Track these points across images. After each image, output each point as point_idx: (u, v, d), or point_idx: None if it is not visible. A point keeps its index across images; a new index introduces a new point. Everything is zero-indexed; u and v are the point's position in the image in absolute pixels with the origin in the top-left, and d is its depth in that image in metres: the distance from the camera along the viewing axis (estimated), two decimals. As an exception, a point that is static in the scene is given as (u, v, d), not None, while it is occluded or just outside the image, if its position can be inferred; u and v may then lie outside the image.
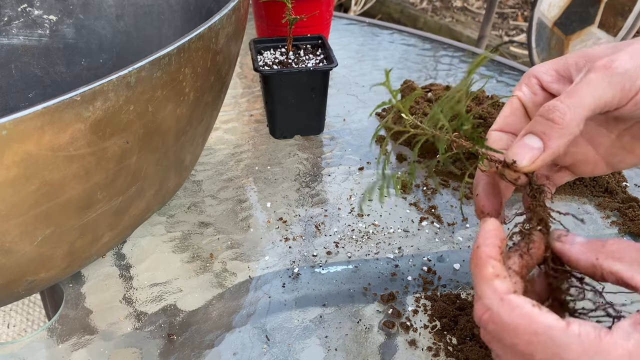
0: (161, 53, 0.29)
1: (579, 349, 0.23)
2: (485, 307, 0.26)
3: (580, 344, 0.23)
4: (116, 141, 0.29)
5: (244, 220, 0.52)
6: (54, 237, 0.31)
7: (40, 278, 0.33)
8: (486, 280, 0.27)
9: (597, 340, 0.23)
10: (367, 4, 2.26)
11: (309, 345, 0.41)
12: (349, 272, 0.47)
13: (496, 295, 0.26)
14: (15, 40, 0.58)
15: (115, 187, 0.32)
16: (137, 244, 0.49)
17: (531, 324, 0.24)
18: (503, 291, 0.26)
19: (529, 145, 0.30)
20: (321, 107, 0.62)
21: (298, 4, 0.68)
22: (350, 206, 0.54)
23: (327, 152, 0.62)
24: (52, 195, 0.28)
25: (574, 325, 0.24)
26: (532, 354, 0.24)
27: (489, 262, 0.27)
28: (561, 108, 0.29)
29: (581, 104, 0.29)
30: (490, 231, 0.28)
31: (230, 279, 0.46)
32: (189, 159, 0.41)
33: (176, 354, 0.40)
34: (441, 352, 0.40)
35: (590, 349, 0.23)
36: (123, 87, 0.28)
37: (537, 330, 0.24)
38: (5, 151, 0.25)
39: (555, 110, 0.29)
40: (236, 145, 0.63)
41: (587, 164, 0.35)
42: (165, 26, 0.56)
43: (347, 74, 0.78)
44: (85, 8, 0.58)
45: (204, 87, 0.36)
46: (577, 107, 0.29)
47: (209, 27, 0.33)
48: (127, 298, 0.44)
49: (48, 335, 0.41)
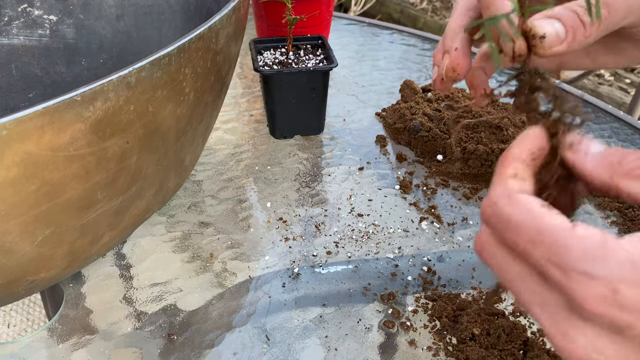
0: (161, 53, 0.29)
1: (579, 250, 0.21)
2: (492, 201, 0.24)
3: (581, 245, 0.21)
4: (116, 141, 0.29)
5: (244, 220, 0.52)
6: (54, 237, 0.31)
7: (41, 278, 0.33)
8: (502, 178, 0.24)
9: (601, 243, 0.21)
10: (367, 4, 2.26)
11: (309, 345, 0.41)
12: (349, 272, 0.47)
13: (506, 191, 0.24)
14: (16, 40, 0.58)
15: (116, 187, 0.32)
16: (137, 244, 0.49)
17: (535, 221, 0.22)
18: (514, 189, 0.24)
19: (572, 24, 0.28)
20: (321, 107, 0.62)
21: (298, 4, 0.68)
22: (350, 206, 0.54)
23: (327, 152, 0.62)
24: (52, 195, 0.28)
25: (580, 227, 0.22)
26: (531, 253, 0.23)
27: (513, 164, 0.25)
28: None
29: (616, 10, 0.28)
30: (531, 136, 0.25)
31: (230, 278, 0.46)
32: (189, 159, 0.41)
33: (176, 354, 0.40)
34: (441, 352, 0.40)
35: (591, 252, 0.21)
36: (123, 87, 0.28)
37: (540, 228, 0.22)
38: (6, 151, 0.25)
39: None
40: (236, 145, 0.63)
41: (576, 54, 0.34)
42: (165, 26, 0.56)
43: (347, 74, 0.78)
44: (86, 8, 0.58)
45: (204, 87, 0.36)
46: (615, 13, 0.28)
47: (209, 27, 0.33)
48: (127, 298, 0.44)
49: (48, 335, 0.41)
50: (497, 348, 0.39)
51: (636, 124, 0.66)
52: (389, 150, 0.62)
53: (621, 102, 1.87)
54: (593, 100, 0.70)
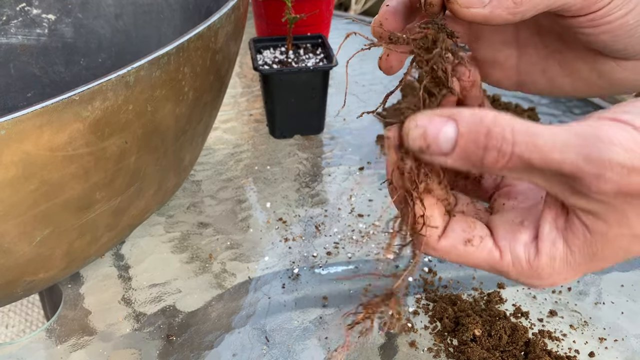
0: (160, 52, 0.29)
1: (515, 273, 0.26)
2: (429, 250, 0.28)
3: (515, 270, 0.26)
4: (115, 141, 0.29)
5: (243, 220, 0.52)
6: (52, 237, 0.30)
7: (39, 278, 0.33)
8: (415, 232, 0.27)
9: (528, 266, 0.25)
10: (368, 3, 2.26)
11: (309, 347, 0.41)
12: (349, 273, 0.47)
13: (429, 247, 0.27)
14: (14, 39, 0.57)
15: (114, 187, 0.32)
16: (136, 244, 0.49)
17: (470, 260, 0.27)
18: (432, 242, 0.27)
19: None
20: (321, 106, 0.62)
21: (298, 2, 0.67)
22: (350, 206, 0.54)
23: (327, 152, 0.62)
24: (51, 195, 0.28)
25: (505, 255, 0.26)
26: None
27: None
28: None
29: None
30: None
31: (229, 279, 0.46)
32: (188, 158, 0.41)
33: (175, 355, 0.40)
34: (442, 353, 0.40)
35: (524, 273, 0.26)
36: (122, 87, 0.28)
37: (478, 264, 0.26)
38: (4, 151, 0.25)
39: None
40: (235, 145, 0.63)
41: (502, 68, 0.33)
42: (164, 25, 0.55)
43: (347, 73, 0.78)
44: (84, 7, 0.58)
45: (203, 87, 0.36)
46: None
47: (208, 26, 0.33)
48: (126, 299, 0.44)
49: (47, 336, 0.41)
50: (499, 349, 0.39)
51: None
52: (389, 150, 0.62)
53: (622, 101, 1.88)
54: (594, 100, 0.70)
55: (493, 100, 0.64)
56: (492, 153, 0.22)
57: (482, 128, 0.22)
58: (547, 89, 0.33)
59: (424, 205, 0.26)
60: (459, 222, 0.28)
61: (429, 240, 0.27)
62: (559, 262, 0.25)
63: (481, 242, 0.26)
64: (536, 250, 0.25)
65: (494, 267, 0.26)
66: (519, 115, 0.60)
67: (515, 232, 0.26)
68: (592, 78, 0.32)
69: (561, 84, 0.33)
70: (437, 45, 0.26)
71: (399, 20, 0.30)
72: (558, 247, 0.25)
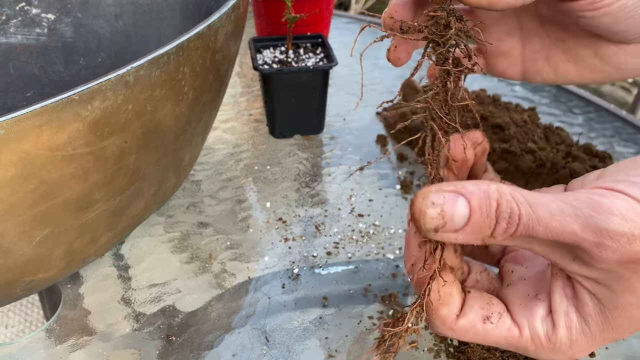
0: (160, 52, 0.29)
1: (535, 349, 0.26)
2: (446, 330, 0.28)
3: (535, 346, 0.26)
4: (114, 141, 0.29)
5: (243, 220, 0.52)
6: (52, 237, 0.30)
7: (39, 279, 0.33)
8: (434, 311, 0.27)
9: (547, 341, 0.25)
10: (368, 2, 2.25)
11: (309, 347, 0.40)
12: (349, 273, 0.47)
13: (446, 327, 0.27)
14: (13, 39, 0.57)
15: (114, 187, 0.32)
16: (135, 244, 0.49)
17: (488, 339, 0.27)
18: (450, 322, 0.27)
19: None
20: (321, 106, 0.62)
21: (298, 2, 0.67)
22: (350, 206, 0.54)
23: (327, 152, 0.62)
24: (50, 195, 0.28)
25: (524, 331, 0.26)
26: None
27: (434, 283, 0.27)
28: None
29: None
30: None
31: (229, 279, 0.46)
32: (187, 158, 0.41)
33: (175, 355, 0.40)
34: (442, 353, 0.40)
35: (545, 348, 0.26)
36: (121, 86, 0.27)
37: (497, 342, 0.27)
38: (3, 151, 0.24)
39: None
40: (235, 144, 0.63)
41: (506, 58, 0.34)
42: (164, 25, 0.55)
43: (347, 73, 0.78)
44: (84, 7, 0.58)
45: (203, 86, 0.36)
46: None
47: (208, 25, 0.33)
48: (125, 299, 0.44)
49: (46, 336, 0.41)
50: (499, 349, 0.39)
51: (638, 124, 0.66)
52: (390, 150, 0.62)
53: (624, 101, 1.88)
54: (595, 100, 0.70)
55: (493, 100, 0.63)
56: (502, 225, 0.23)
57: (492, 202, 0.23)
58: (552, 77, 0.34)
59: (445, 280, 0.26)
60: (476, 298, 0.27)
61: (446, 321, 0.27)
62: (575, 332, 0.25)
63: (499, 319, 0.26)
64: (553, 324, 0.25)
65: (513, 344, 0.26)
66: (519, 115, 0.60)
67: (531, 307, 0.26)
68: (595, 63, 0.32)
69: (566, 71, 0.33)
70: (451, 26, 0.26)
71: (408, 12, 0.31)
72: (572, 317, 0.25)
